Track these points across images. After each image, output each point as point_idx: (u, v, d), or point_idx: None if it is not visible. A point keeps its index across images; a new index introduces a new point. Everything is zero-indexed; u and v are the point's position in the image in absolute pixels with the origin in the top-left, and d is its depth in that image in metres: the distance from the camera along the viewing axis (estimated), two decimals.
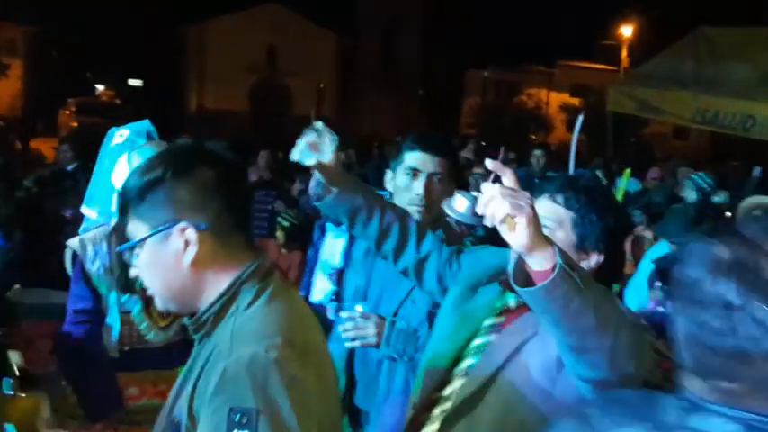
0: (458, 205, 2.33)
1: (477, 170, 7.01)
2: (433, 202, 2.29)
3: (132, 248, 1.27)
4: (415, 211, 2.24)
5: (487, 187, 1.23)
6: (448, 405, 1.67)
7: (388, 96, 30.51)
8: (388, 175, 2.43)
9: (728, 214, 4.28)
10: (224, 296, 1.26)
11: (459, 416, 1.63)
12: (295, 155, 1.91)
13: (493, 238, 1.46)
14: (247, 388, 1.10)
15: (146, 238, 1.25)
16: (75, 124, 21.07)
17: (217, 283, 1.27)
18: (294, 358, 1.16)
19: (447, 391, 1.70)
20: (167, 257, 1.25)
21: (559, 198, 1.70)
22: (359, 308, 2.33)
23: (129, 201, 1.26)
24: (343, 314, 2.29)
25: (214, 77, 30.58)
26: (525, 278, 1.29)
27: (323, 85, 28.82)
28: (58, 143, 7.67)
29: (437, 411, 1.69)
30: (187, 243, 1.23)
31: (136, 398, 2.30)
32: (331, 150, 1.92)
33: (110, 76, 32.79)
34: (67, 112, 22.80)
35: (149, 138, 2.40)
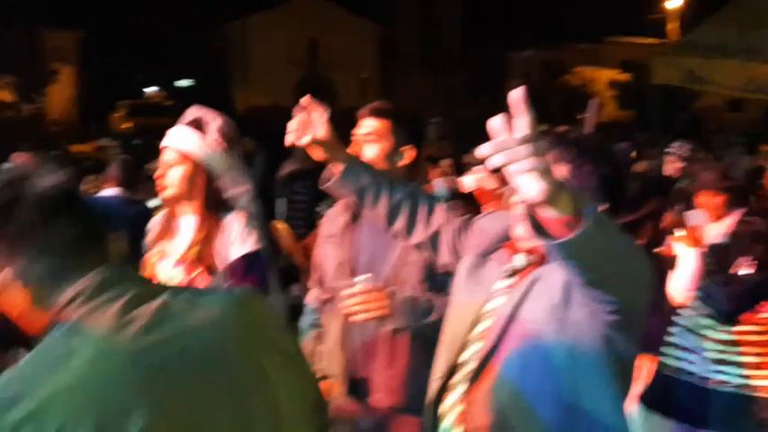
0: None
1: None
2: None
3: None
4: None
5: (504, 142, 1.18)
6: (468, 368, 1.69)
7: (430, 81, 30.40)
8: None
9: None
10: None
11: (482, 375, 1.65)
12: (289, 139, 1.88)
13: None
14: None
15: None
16: (127, 126, 21.60)
17: None
18: None
19: (465, 356, 1.72)
20: None
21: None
22: (362, 280, 2.27)
23: None
24: (353, 288, 2.24)
25: (259, 74, 30.87)
26: (538, 229, 1.29)
27: (365, 76, 28.89)
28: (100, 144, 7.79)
29: (459, 377, 1.71)
30: None
31: None
32: (323, 124, 1.88)
33: (158, 78, 33.37)
34: (118, 115, 23.37)
35: None
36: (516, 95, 1.19)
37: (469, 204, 4.10)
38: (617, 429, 1.64)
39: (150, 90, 33.53)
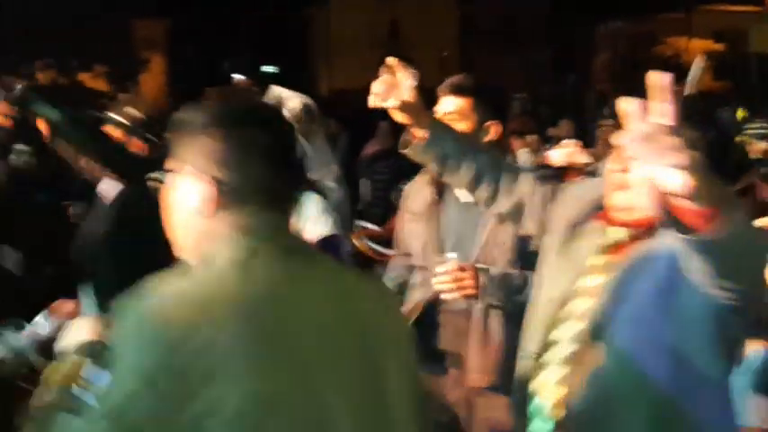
0: None
1: (605, 123, 6.87)
2: None
3: None
4: None
5: (650, 133, 1.06)
6: (566, 350, 1.64)
7: (514, 57, 29.90)
8: None
9: None
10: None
11: (585, 358, 1.59)
12: (373, 100, 1.81)
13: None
14: (118, 329, 1.13)
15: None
16: None
17: None
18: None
19: (559, 334, 1.66)
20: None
21: None
22: (452, 258, 2.24)
23: None
24: (438, 267, 2.20)
25: (340, 57, 31.05)
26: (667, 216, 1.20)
27: (446, 53, 28.65)
28: None
29: (553, 356, 1.66)
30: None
31: None
32: (409, 87, 1.81)
33: (244, 64, 34.04)
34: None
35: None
36: (660, 80, 1.08)
37: (555, 179, 4.00)
38: (727, 412, 1.57)
39: (237, 76, 34.27)
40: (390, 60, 1.85)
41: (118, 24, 22.10)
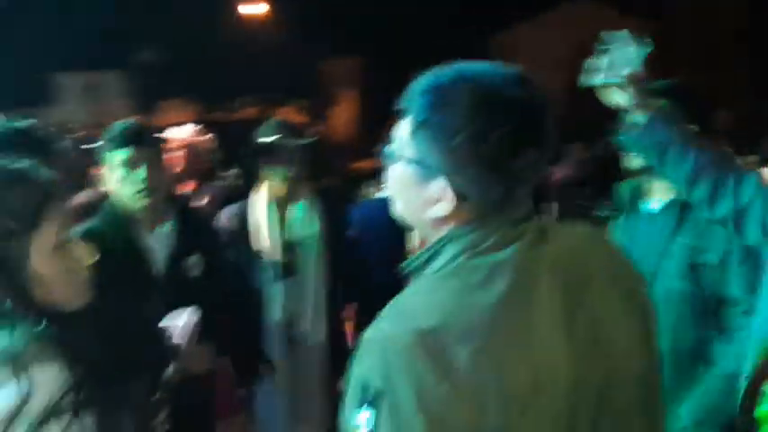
0: None
1: None
2: None
3: None
4: None
5: None
6: None
7: (710, 72, 28.15)
8: None
9: None
10: (425, 252, 1.15)
11: None
12: (596, 78, 1.65)
13: None
14: (376, 365, 1.00)
15: None
16: None
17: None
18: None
19: None
20: None
21: None
22: None
23: None
24: None
25: None
26: None
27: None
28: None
29: None
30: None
31: None
32: (639, 60, 1.65)
33: None
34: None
35: None
36: None
37: None
38: None
39: None
40: (623, 33, 1.70)
41: (315, 64, 23.84)
